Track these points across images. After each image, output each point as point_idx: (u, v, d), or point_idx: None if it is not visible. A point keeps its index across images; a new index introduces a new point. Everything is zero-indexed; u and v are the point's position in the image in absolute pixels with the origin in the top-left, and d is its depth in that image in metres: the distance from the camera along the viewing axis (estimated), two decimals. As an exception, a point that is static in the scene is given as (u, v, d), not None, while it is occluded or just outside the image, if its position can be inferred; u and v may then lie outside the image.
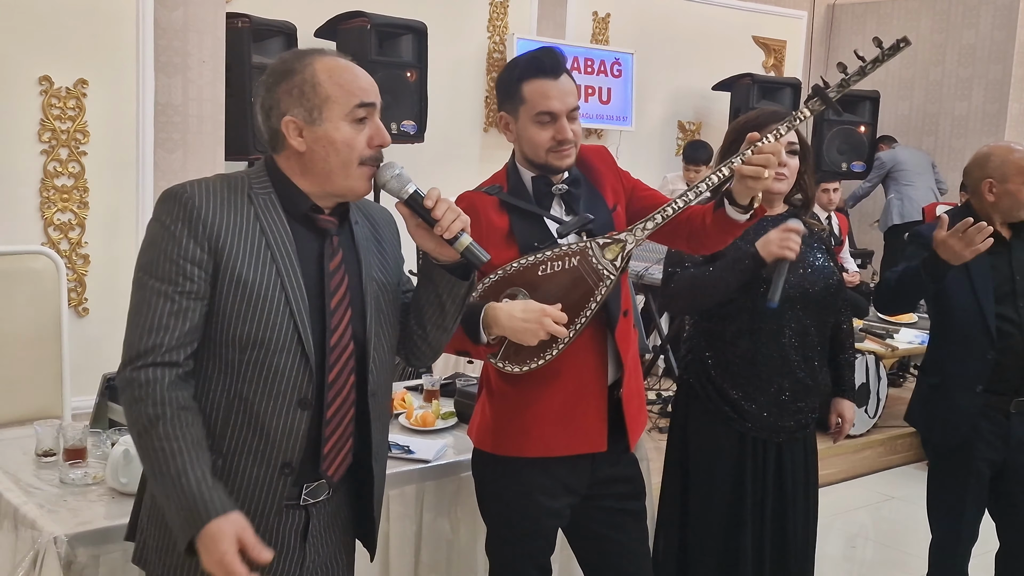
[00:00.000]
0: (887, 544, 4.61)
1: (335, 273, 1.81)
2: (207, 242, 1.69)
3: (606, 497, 2.43)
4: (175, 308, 1.68)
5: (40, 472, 2.46)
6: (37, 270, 3.85)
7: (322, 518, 1.87)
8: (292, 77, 1.75)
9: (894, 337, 5.63)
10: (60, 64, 4.25)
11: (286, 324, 1.73)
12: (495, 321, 2.14)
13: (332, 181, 1.78)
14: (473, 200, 2.32)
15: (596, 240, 2.27)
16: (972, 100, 8.70)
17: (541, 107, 2.26)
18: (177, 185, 1.74)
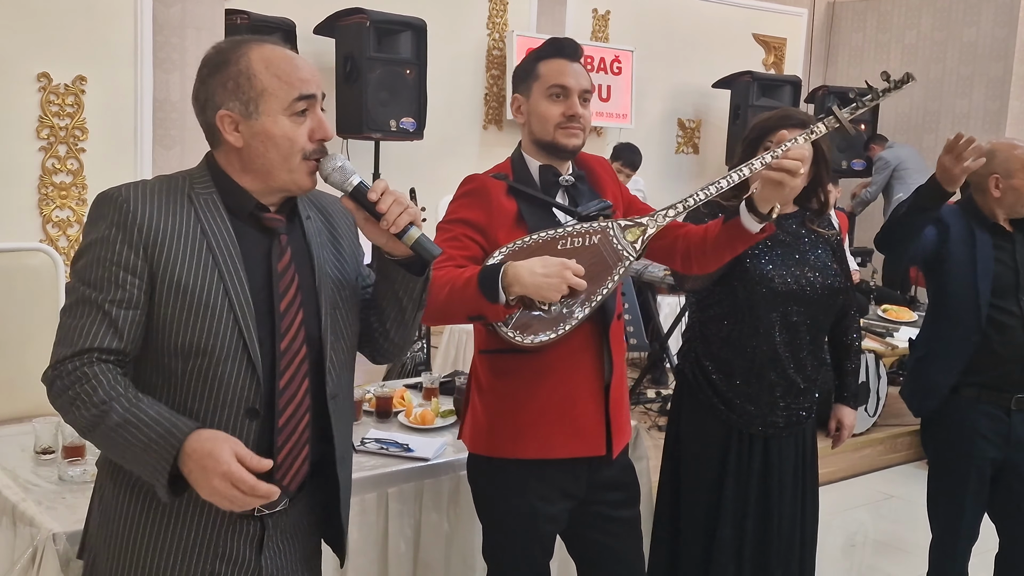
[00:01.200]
0: (887, 542, 4.60)
1: (284, 274, 1.71)
2: (143, 248, 1.61)
3: (599, 504, 2.41)
4: (105, 319, 1.59)
5: (38, 469, 2.45)
6: (35, 267, 3.85)
7: (280, 528, 1.78)
8: (226, 68, 1.66)
9: (894, 335, 5.62)
10: (59, 61, 4.24)
11: (230, 331, 1.64)
12: (516, 278, 2.08)
13: (273, 177, 1.69)
14: (483, 181, 2.31)
15: (618, 222, 2.26)
16: (973, 98, 8.70)
17: (555, 80, 2.29)
18: (113, 187, 1.66)
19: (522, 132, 2.39)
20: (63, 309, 1.64)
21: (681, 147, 8.65)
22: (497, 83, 7.46)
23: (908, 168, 8.26)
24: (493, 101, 7.45)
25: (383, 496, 2.57)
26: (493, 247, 2.23)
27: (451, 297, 2.12)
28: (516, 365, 2.29)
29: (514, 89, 2.39)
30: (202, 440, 1.55)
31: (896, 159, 8.24)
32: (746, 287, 2.63)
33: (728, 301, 2.67)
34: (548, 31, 7.64)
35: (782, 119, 2.68)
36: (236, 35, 4.96)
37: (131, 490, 1.69)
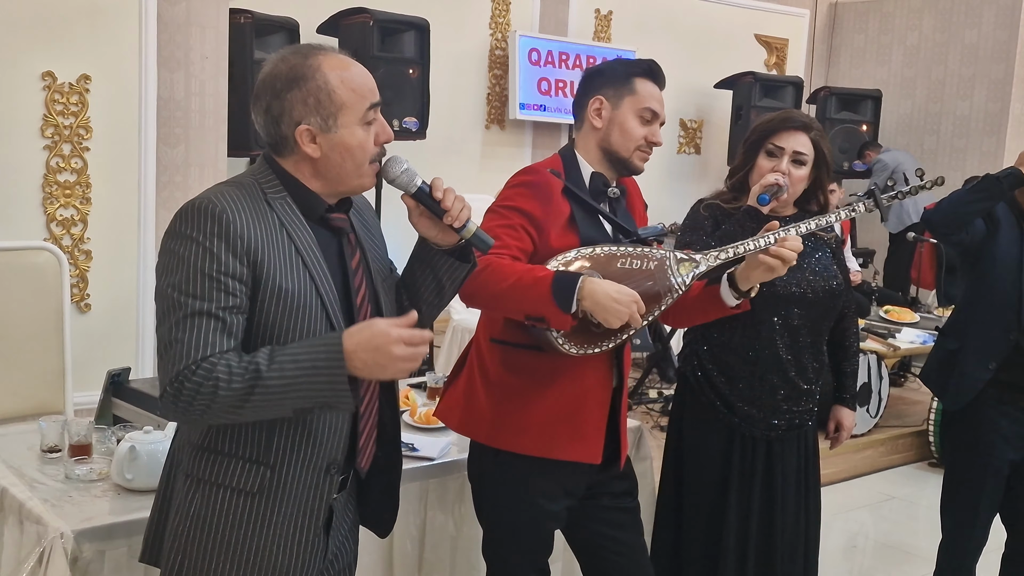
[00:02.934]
0: (888, 544, 4.61)
1: (357, 270, 1.83)
2: (245, 256, 1.67)
3: (602, 496, 2.44)
4: (221, 325, 1.66)
5: (44, 468, 2.45)
6: (39, 265, 3.85)
7: (339, 509, 1.90)
8: (304, 84, 1.72)
9: (896, 337, 5.64)
10: (63, 59, 4.23)
11: (324, 328, 1.74)
12: (591, 295, 2.13)
13: (344, 182, 1.80)
14: (546, 176, 2.33)
15: (675, 253, 2.33)
16: (974, 99, 8.71)
17: (649, 104, 2.36)
18: (200, 199, 1.71)
19: (587, 133, 2.41)
20: (169, 327, 1.66)
21: (683, 147, 8.66)
22: (500, 83, 7.46)
23: (908, 170, 8.27)
24: (496, 101, 7.46)
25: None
26: (544, 244, 2.27)
27: (514, 291, 2.15)
28: (530, 363, 2.31)
29: (596, 91, 2.39)
30: (357, 332, 1.64)
31: (894, 162, 8.26)
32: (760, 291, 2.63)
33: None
34: (551, 31, 7.65)
35: (783, 121, 2.69)
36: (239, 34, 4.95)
37: (228, 490, 1.75)
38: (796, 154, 2.65)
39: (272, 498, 1.75)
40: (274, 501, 1.76)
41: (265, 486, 1.75)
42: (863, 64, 9.51)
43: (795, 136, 2.65)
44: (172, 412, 1.68)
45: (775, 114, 2.77)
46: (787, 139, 2.65)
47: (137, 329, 4.54)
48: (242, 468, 1.75)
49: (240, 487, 1.75)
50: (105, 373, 2.79)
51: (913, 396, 6.37)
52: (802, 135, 2.66)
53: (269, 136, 1.78)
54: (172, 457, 1.88)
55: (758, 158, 2.68)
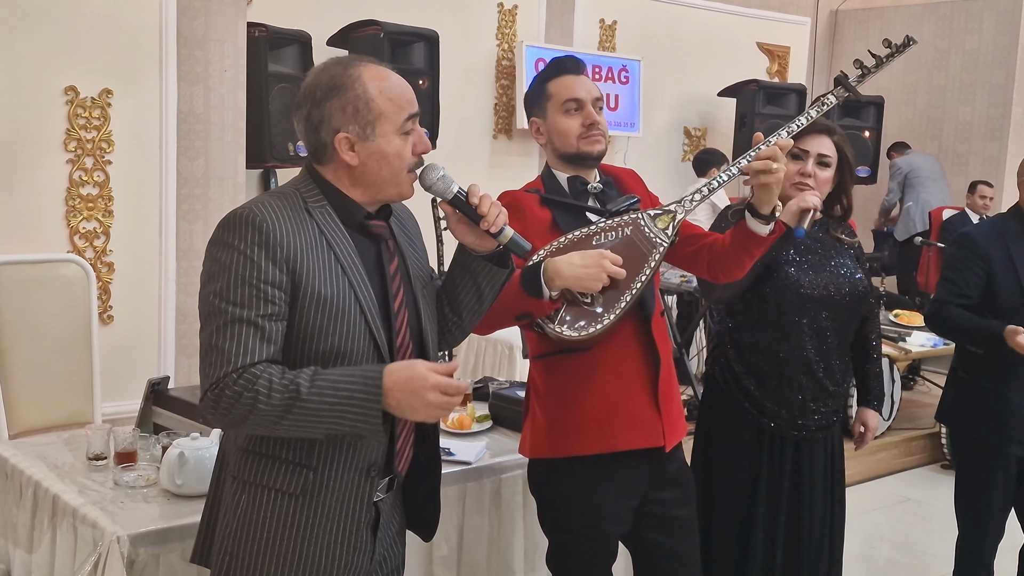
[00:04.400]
0: (904, 545, 4.66)
1: (395, 276, 1.87)
2: (285, 264, 1.72)
3: (656, 503, 2.46)
4: (260, 333, 1.70)
5: (92, 475, 2.50)
6: (67, 277, 3.92)
7: (386, 511, 1.93)
8: (344, 93, 1.78)
9: (906, 340, 5.69)
10: (85, 74, 4.29)
11: (363, 333, 1.78)
12: (556, 272, 2.18)
13: (382, 190, 1.84)
14: (516, 195, 2.42)
15: (647, 212, 2.35)
16: (976, 105, 8.77)
17: (566, 95, 2.40)
18: (242, 209, 1.77)
19: (547, 152, 2.49)
20: (210, 333, 1.71)
21: (687, 155, 8.70)
22: (507, 93, 7.51)
23: (920, 176, 8.35)
24: (503, 111, 7.51)
25: (427, 499, 2.62)
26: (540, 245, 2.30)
27: (498, 301, 2.18)
28: (568, 364, 2.36)
29: (529, 115, 2.49)
30: (397, 371, 1.71)
31: (908, 166, 8.33)
32: (776, 293, 2.68)
33: (758, 307, 2.72)
34: (557, 41, 7.71)
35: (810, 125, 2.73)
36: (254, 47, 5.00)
37: (273, 491, 1.80)
38: (820, 156, 2.69)
39: (315, 499, 1.80)
40: (317, 502, 1.80)
41: (308, 488, 1.79)
42: (864, 71, 9.57)
43: (819, 139, 2.70)
44: (211, 416, 1.74)
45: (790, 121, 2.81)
46: (811, 142, 2.69)
47: (160, 340, 4.59)
48: (285, 470, 1.79)
49: (284, 488, 1.79)
50: (145, 382, 2.84)
51: (923, 399, 6.42)
52: (826, 138, 2.71)
53: (310, 144, 1.84)
54: (221, 460, 1.94)
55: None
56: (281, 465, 1.80)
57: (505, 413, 3.06)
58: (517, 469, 2.78)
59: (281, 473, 1.80)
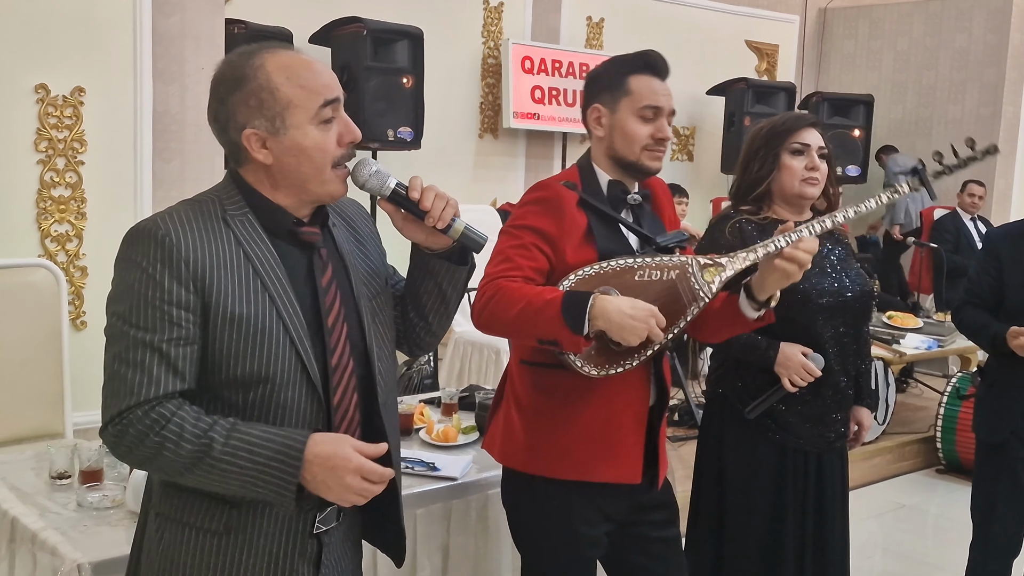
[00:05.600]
0: (901, 554, 4.55)
1: (328, 288, 1.68)
2: (192, 283, 1.54)
3: (641, 525, 2.34)
4: (166, 361, 1.53)
5: (54, 495, 2.37)
6: (36, 283, 3.76)
7: (334, 542, 1.75)
8: (246, 85, 1.59)
9: (900, 343, 5.59)
10: (57, 72, 4.15)
11: (288, 355, 1.60)
12: (603, 313, 2.00)
13: (307, 190, 1.64)
14: (558, 190, 2.21)
15: (697, 259, 2.19)
16: (966, 104, 8.70)
17: (648, 100, 2.22)
18: (146, 221, 1.59)
19: (595, 143, 2.31)
20: (112, 357, 1.55)
21: (676, 154, 8.60)
22: (492, 92, 7.39)
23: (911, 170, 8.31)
24: (488, 110, 7.38)
25: (411, 518, 2.49)
26: (560, 260, 2.16)
27: (524, 316, 2.04)
28: (560, 383, 2.22)
29: (593, 98, 2.28)
30: (322, 444, 1.54)
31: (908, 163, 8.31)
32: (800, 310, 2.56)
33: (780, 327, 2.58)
34: (543, 39, 7.59)
35: (799, 119, 2.66)
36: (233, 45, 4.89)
37: (195, 530, 1.63)
38: (819, 149, 2.62)
39: (241, 537, 1.63)
40: (244, 540, 1.63)
41: (233, 525, 1.62)
42: (853, 69, 9.50)
43: (812, 132, 2.64)
44: (113, 451, 1.57)
45: (781, 116, 2.71)
46: (808, 136, 2.62)
47: (134, 347, 4.44)
48: (207, 507, 1.62)
49: (206, 527, 1.62)
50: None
51: (917, 402, 6.33)
52: (816, 131, 2.65)
53: (224, 146, 1.66)
54: (148, 489, 1.75)
55: (782, 159, 2.61)
56: (202, 501, 1.62)
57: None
58: (505, 485, 2.66)
59: (203, 510, 1.62)
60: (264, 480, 1.53)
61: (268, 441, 1.53)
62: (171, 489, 1.64)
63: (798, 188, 2.60)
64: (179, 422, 1.52)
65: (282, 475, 1.52)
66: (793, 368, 2.52)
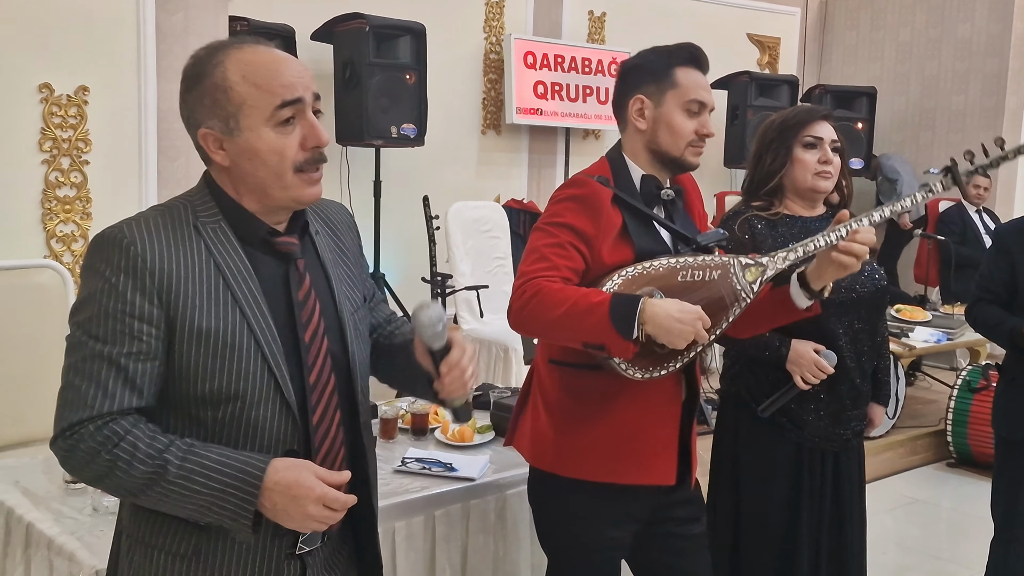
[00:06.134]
0: (915, 549, 4.52)
1: (305, 302, 1.59)
2: (156, 295, 1.47)
3: (666, 522, 2.32)
4: (123, 375, 1.45)
5: (69, 500, 2.33)
6: (43, 284, 3.73)
7: (318, 565, 1.66)
8: (202, 82, 1.52)
9: (909, 336, 5.56)
10: (60, 71, 4.12)
11: (260, 371, 1.52)
12: (653, 318, 1.97)
13: (269, 195, 1.55)
14: (595, 187, 2.17)
15: (738, 259, 2.16)
16: (969, 94, 8.66)
17: (695, 95, 2.19)
18: (112, 228, 1.50)
19: (633, 135, 2.26)
20: (68, 367, 1.48)
21: (679, 149, 8.58)
22: (495, 87, 7.36)
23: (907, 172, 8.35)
24: (491, 105, 7.35)
25: (430, 519, 2.47)
26: (596, 260, 2.12)
27: (569, 318, 2.00)
28: (591, 384, 2.18)
29: (635, 89, 2.23)
30: (283, 471, 1.47)
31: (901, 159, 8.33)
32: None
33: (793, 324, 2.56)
34: (545, 33, 7.56)
35: (811, 112, 2.63)
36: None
37: (163, 552, 1.56)
38: (832, 143, 2.60)
39: (211, 561, 1.55)
40: (214, 564, 1.55)
41: (202, 549, 1.54)
42: (855, 61, 9.46)
43: (825, 125, 2.61)
44: (63, 464, 1.49)
45: (793, 109, 2.69)
46: (820, 129, 2.59)
47: (141, 347, 4.42)
48: (175, 529, 1.55)
49: (174, 550, 1.55)
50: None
51: (927, 395, 6.31)
52: (828, 124, 2.62)
53: (194, 145, 1.59)
54: (119, 510, 1.68)
55: (794, 153, 2.58)
56: (169, 521, 1.54)
57: (508, 424, 2.90)
58: (522, 485, 2.61)
59: (170, 533, 1.55)
60: (220, 507, 1.46)
61: (225, 466, 1.45)
62: (139, 510, 1.57)
63: (811, 182, 2.57)
64: (133, 441, 1.44)
65: (239, 501, 1.45)
66: (805, 365, 2.49)
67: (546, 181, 7.47)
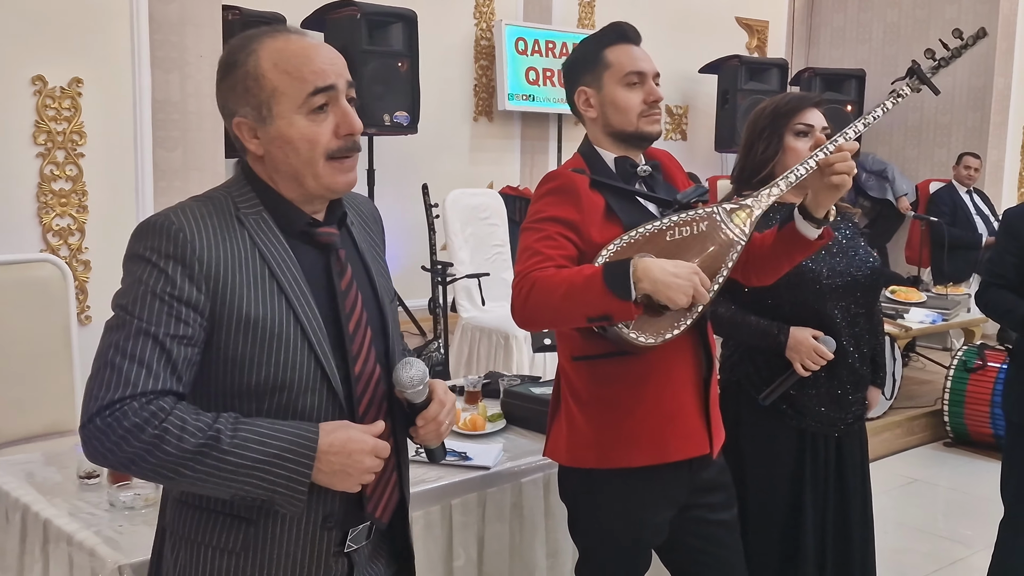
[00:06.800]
0: (917, 528, 4.55)
1: (348, 292, 1.59)
2: (204, 282, 1.46)
3: (699, 508, 2.31)
4: (166, 356, 1.43)
5: (84, 495, 2.31)
6: (43, 279, 3.70)
7: (364, 561, 1.66)
8: (236, 71, 1.52)
9: (904, 317, 5.59)
10: (54, 63, 4.07)
11: (307, 361, 1.51)
12: (647, 273, 1.93)
13: (303, 184, 1.55)
14: (570, 176, 2.17)
15: (722, 206, 2.15)
16: (957, 76, 8.69)
17: (630, 67, 2.20)
18: (159, 216, 1.50)
19: (590, 126, 2.28)
20: (108, 346, 1.44)
21: (669, 133, 8.58)
22: (486, 74, 7.34)
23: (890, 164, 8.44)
24: (483, 92, 7.33)
25: (447, 508, 2.46)
26: (587, 245, 2.11)
27: (568, 298, 1.99)
28: (618, 370, 2.17)
29: (576, 84, 2.26)
30: (333, 432, 1.48)
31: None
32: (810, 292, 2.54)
33: (791, 309, 2.57)
34: (535, 19, 7.54)
35: (802, 100, 2.63)
36: (228, 31, 4.80)
37: (210, 549, 1.55)
38: (823, 130, 2.58)
39: (259, 557, 1.54)
40: (262, 561, 1.54)
41: (250, 544, 1.53)
42: (843, 44, 9.48)
43: (816, 113, 2.61)
44: (94, 448, 1.42)
45: (784, 97, 2.67)
46: (812, 116, 2.59)
47: (141, 341, 4.39)
48: (222, 524, 1.54)
49: (222, 546, 1.54)
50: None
51: (922, 376, 6.35)
52: (819, 112, 2.61)
53: (229, 135, 1.58)
54: (161, 507, 1.66)
55: (786, 141, 2.57)
56: (217, 518, 1.54)
57: (519, 412, 2.90)
58: (537, 472, 2.63)
59: (217, 528, 1.54)
60: (275, 475, 1.43)
61: (279, 431, 1.45)
62: (185, 507, 1.57)
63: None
64: (180, 415, 1.42)
65: (296, 467, 1.44)
66: (805, 352, 2.50)
67: (539, 167, 7.46)
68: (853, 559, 2.66)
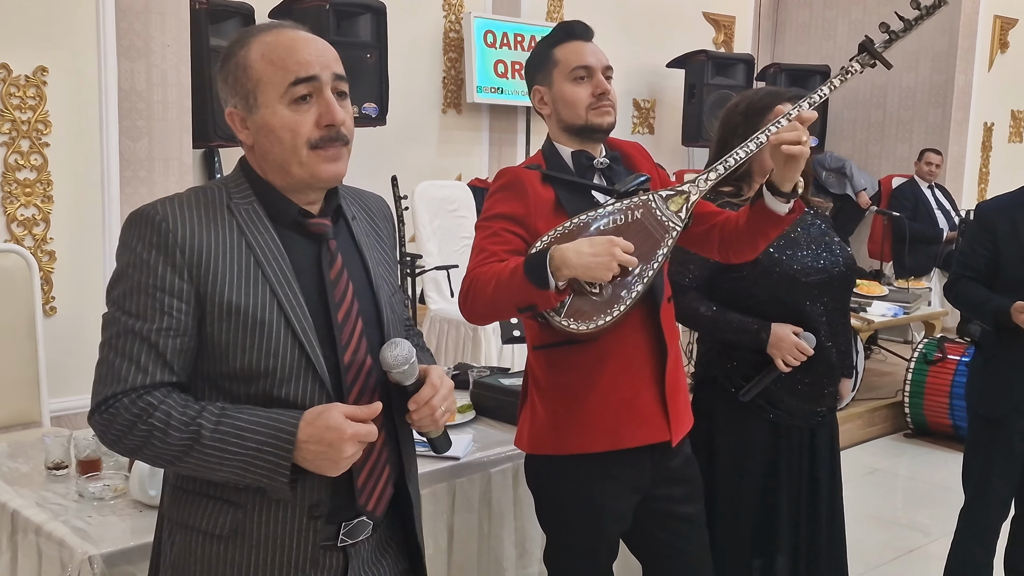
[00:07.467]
0: (878, 517, 4.63)
1: (337, 282, 1.60)
2: (187, 269, 1.50)
3: (661, 499, 2.34)
4: (154, 351, 1.49)
5: (52, 486, 2.31)
6: (7, 269, 3.67)
7: (363, 558, 1.66)
8: (228, 62, 1.58)
9: (867, 311, 5.67)
10: (18, 51, 4.02)
11: (291, 348, 1.53)
12: (564, 261, 1.97)
13: (290, 173, 1.57)
14: (517, 173, 2.26)
15: (659, 193, 2.18)
16: (919, 72, 8.80)
17: (576, 62, 2.26)
18: (146, 205, 1.54)
19: (549, 123, 2.35)
20: (103, 342, 1.53)
21: (637, 127, 8.61)
22: (455, 66, 7.33)
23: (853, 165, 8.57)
24: (451, 84, 7.32)
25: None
26: (534, 238, 2.15)
27: (498, 291, 2.05)
28: (573, 357, 2.22)
29: (532, 83, 2.34)
30: (312, 422, 1.49)
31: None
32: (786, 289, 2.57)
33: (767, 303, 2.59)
34: (504, 12, 7.53)
35: (777, 96, 2.65)
36: (195, 21, 4.74)
37: (201, 534, 1.58)
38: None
39: (247, 542, 1.56)
40: (249, 546, 1.56)
41: (238, 529, 1.55)
42: (808, 39, 9.56)
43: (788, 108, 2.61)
44: (103, 438, 1.54)
45: (757, 92, 2.70)
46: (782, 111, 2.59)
47: (106, 331, 4.35)
48: (212, 509, 1.57)
49: (211, 531, 1.56)
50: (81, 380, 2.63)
51: (883, 368, 6.44)
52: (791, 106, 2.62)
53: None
54: (162, 494, 1.69)
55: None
56: (207, 503, 1.57)
57: (488, 403, 2.93)
58: (506, 463, 2.66)
59: (208, 513, 1.57)
60: (256, 466, 1.48)
61: (259, 424, 1.48)
62: (179, 492, 1.60)
63: None
64: (166, 410, 1.48)
65: (276, 459, 1.47)
66: (786, 348, 2.54)
67: (507, 160, 7.46)
68: (823, 548, 2.70)
